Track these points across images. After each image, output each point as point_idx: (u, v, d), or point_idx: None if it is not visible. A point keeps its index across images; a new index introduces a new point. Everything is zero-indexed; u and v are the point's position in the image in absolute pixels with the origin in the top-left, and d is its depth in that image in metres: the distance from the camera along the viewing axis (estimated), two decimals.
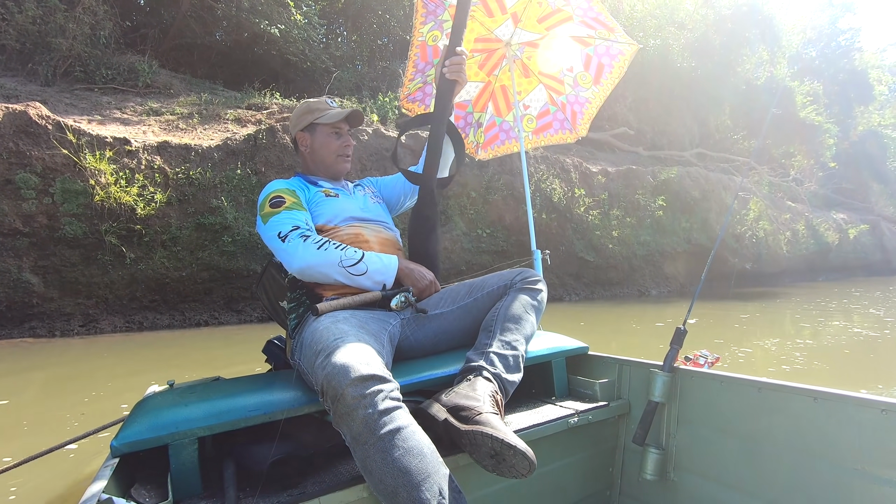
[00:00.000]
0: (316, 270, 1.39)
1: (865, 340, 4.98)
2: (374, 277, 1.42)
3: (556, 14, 2.43)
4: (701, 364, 1.45)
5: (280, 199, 1.51)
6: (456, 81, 1.65)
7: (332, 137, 1.70)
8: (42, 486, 1.92)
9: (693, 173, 12.22)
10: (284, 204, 1.50)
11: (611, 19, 2.43)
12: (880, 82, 26.52)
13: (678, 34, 13.55)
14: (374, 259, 1.43)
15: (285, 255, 1.41)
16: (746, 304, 8.43)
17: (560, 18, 2.43)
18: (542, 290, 1.52)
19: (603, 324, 6.50)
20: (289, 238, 1.41)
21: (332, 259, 1.38)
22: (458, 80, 1.65)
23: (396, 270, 1.45)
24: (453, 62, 1.63)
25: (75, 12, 7.14)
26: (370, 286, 1.42)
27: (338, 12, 10.99)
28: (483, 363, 1.27)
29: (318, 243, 1.40)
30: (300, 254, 1.38)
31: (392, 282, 1.44)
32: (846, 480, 1.07)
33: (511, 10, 2.43)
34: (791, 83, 17.47)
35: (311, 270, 1.39)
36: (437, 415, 1.14)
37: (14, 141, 5.16)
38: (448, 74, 1.63)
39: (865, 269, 18.91)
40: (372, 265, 1.42)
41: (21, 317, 5.33)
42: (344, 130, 1.72)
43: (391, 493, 0.93)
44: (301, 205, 1.54)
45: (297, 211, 1.49)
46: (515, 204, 8.68)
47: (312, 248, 1.38)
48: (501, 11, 2.44)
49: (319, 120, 1.68)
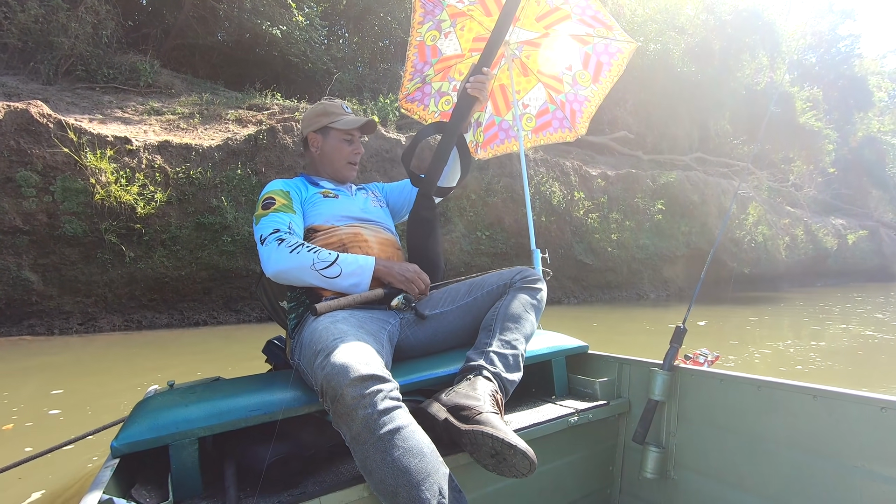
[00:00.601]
0: (290, 274, 1.37)
1: (879, 343, 5.02)
2: (350, 279, 1.39)
3: (554, 13, 2.43)
4: (701, 362, 1.45)
5: (271, 201, 1.51)
6: (477, 98, 1.65)
7: (344, 143, 1.70)
8: (42, 486, 1.91)
9: (692, 177, 12.25)
10: (274, 206, 1.49)
11: (609, 17, 2.43)
12: (880, 89, 26.61)
13: (679, 39, 13.59)
14: (349, 260, 1.40)
15: (262, 259, 1.40)
16: (748, 307, 8.44)
17: (558, 17, 2.44)
18: (542, 289, 1.52)
19: (607, 325, 6.51)
20: (267, 241, 1.39)
21: (305, 262, 1.35)
22: (478, 97, 1.65)
23: (373, 270, 1.42)
24: (478, 79, 1.63)
25: (78, 11, 7.15)
26: (347, 288, 1.39)
27: (339, 14, 11.02)
28: (483, 362, 1.27)
29: (291, 247, 1.37)
30: (273, 258, 1.36)
31: (368, 282, 1.41)
32: (846, 478, 1.07)
33: None
34: (791, 89, 17.53)
35: (285, 274, 1.37)
36: (437, 414, 1.14)
37: (15, 139, 5.16)
38: (470, 90, 1.63)
39: (864, 274, 18.93)
40: (347, 266, 1.39)
41: (20, 314, 5.32)
42: (356, 137, 1.73)
43: (391, 492, 0.93)
44: (291, 207, 1.53)
45: (283, 213, 1.48)
46: (515, 206, 8.69)
47: (285, 251, 1.36)
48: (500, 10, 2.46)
49: (334, 124, 1.68)
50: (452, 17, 2.51)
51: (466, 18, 2.51)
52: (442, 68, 2.67)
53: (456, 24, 2.52)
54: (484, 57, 1.66)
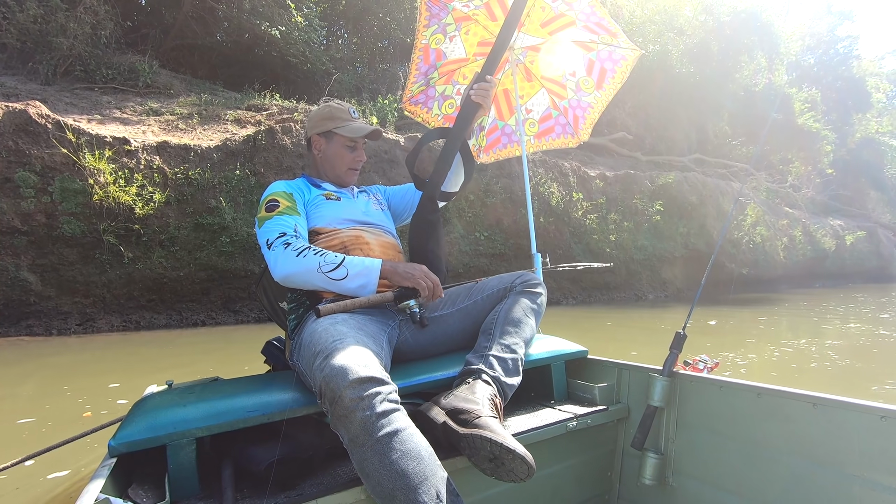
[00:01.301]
0: (298, 278, 1.37)
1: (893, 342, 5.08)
2: (357, 280, 1.38)
3: (558, 19, 2.43)
4: (700, 369, 1.45)
5: (275, 203, 1.50)
6: (480, 105, 1.65)
7: (347, 150, 1.68)
8: (39, 485, 1.91)
9: (691, 178, 12.26)
10: (278, 208, 1.48)
11: (613, 24, 2.44)
12: (878, 90, 26.66)
13: (677, 40, 13.61)
14: (355, 262, 1.39)
15: (270, 264, 1.40)
16: (746, 309, 8.44)
17: (563, 23, 2.44)
18: (542, 294, 1.52)
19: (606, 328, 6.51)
20: (273, 245, 1.39)
21: (312, 265, 1.35)
22: (482, 104, 1.65)
23: (380, 271, 1.40)
24: (482, 87, 1.63)
25: (76, 12, 7.14)
26: (355, 290, 1.38)
27: (339, 14, 11.01)
28: (482, 366, 1.27)
29: (297, 250, 1.36)
30: (281, 262, 1.36)
31: (376, 283, 1.40)
32: (845, 486, 1.07)
33: None
34: (789, 90, 17.56)
35: (294, 278, 1.37)
36: (435, 417, 1.14)
37: (14, 139, 5.15)
38: (474, 97, 1.63)
39: (862, 275, 18.96)
40: (353, 268, 1.38)
41: (18, 315, 5.31)
42: (360, 144, 1.71)
43: (389, 495, 0.92)
44: (295, 209, 1.52)
45: (288, 216, 1.47)
46: (514, 207, 8.69)
47: (292, 255, 1.36)
48: (505, 15, 2.46)
49: (338, 130, 1.66)
50: (458, 21, 2.50)
51: (472, 23, 2.51)
52: (446, 72, 2.67)
53: (461, 28, 2.52)
54: (488, 64, 1.66)
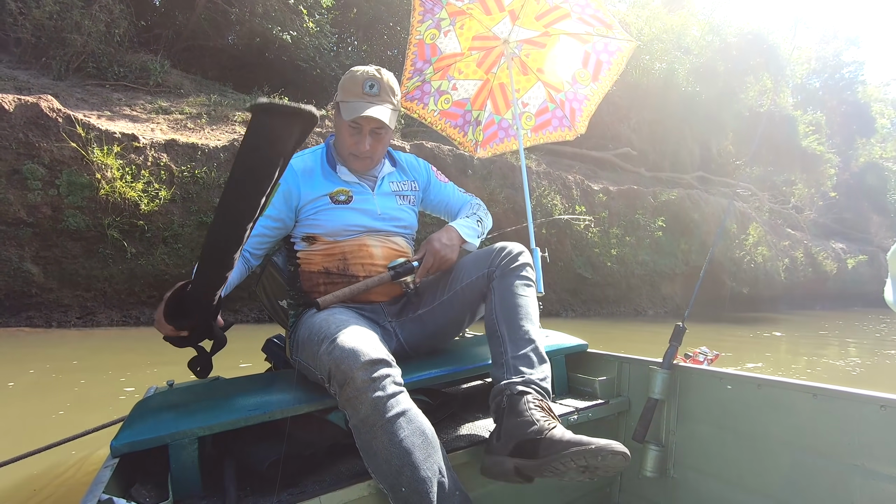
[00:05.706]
0: None
1: None
2: None
3: (553, 11, 2.43)
4: (700, 361, 1.46)
5: None
6: None
7: (348, 131, 1.42)
8: (40, 485, 1.87)
9: (694, 196, 12.29)
10: None
11: (609, 16, 2.43)
12: (882, 115, 26.86)
13: (684, 59, 13.74)
14: None
15: None
16: (743, 327, 8.42)
17: (558, 15, 2.44)
18: (527, 261, 1.37)
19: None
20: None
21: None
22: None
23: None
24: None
25: (92, 10, 7.23)
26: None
27: (349, 22, 11.14)
28: (510, 378, 1.17)
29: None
30: None
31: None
32: (845, 476, 1.07)
33: (509, 8, 2.44)
34: (794, 112, 17.67)
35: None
36: (503, 466, 1.07)
37: (24, 132, 5.19)
38: None
39: (862, 299, 18.87)
40: None
41: (19, 306, 5.31)
42: (364, 129, 1.41)
43: (395, 472, 0.95)
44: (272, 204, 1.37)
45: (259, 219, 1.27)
46: (516, 218, 8.70)
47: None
48: (499, 9, 2.45)
49: (342, 105, 1.41)
50: (452, 15, 2.50)
51: (466, 17, 2.51)
52: (441, 67, 2.67)
53: (455, 22, 2.52)
54: None
